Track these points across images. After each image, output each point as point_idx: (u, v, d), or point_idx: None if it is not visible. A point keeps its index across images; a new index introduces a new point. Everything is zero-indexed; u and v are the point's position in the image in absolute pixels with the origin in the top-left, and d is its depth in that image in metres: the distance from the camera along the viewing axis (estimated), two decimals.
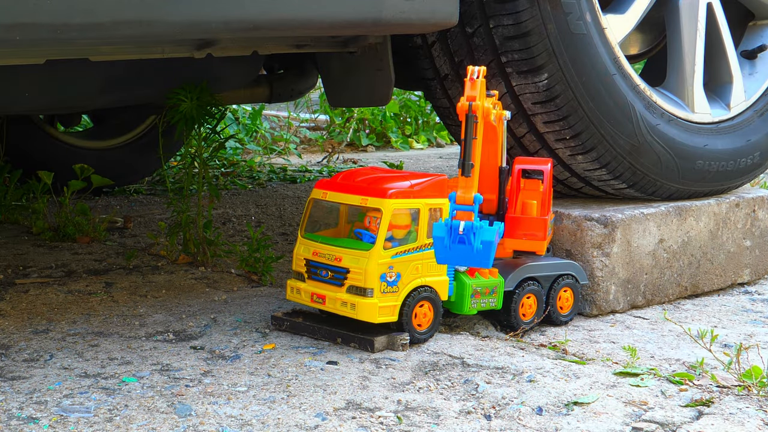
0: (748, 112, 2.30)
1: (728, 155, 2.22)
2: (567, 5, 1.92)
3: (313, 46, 1.97)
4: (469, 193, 1.59)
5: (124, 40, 1.59)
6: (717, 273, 2.19)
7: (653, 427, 1.41)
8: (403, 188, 1.71)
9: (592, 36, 1.96)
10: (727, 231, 2.19)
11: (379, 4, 1.64)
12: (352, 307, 1.70)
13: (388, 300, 1.69)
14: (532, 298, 1.85)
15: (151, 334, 1.80)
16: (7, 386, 1.51)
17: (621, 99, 2.01)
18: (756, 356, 1.70)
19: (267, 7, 1.54)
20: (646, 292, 2.05)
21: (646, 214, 2.03)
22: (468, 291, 1.76)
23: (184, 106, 2.14)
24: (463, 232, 1.57)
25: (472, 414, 1.44)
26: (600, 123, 1.99)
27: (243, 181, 3.70)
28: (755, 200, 2.25)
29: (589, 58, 1.96)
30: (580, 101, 1.96)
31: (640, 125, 2.04)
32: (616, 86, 2.00)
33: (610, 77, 1.99)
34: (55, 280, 2.17)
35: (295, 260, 1.81)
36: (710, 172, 2.18)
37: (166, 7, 1.46)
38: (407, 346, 1.72)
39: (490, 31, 1.93)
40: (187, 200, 2.31)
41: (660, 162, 2.08)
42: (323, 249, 1.75)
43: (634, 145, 2.04)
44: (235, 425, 1.38)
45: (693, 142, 2.14)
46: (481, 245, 1.57)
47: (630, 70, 2.06)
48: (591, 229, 1.97)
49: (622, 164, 2.04)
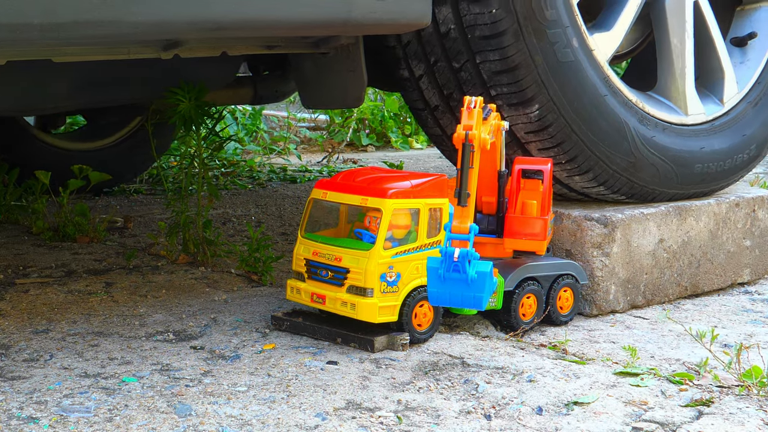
0: (742, 104, 2.28)
1: (725, 154, 2.21)
2: (553, 35, 1.90)
3: (284, 47, 1.95)
4: (465, 222, 1.58)
5: (87, 40, 1.56)
6: (717, 273, 2.19)
7: (653, 427, 1.41)
8: (403, 188, 1.71)
9: (580, 61, 1.94)
10: (727, 231, 2.19)
11: (348, 4, 1.62)
12: (352, 307, 1.70)
13: (388, 300, 1.69)
14: (532, 298, 1.85)
15: (151, 334, 1.80)
16: (7, 386, 1.51)
17: (614, 119, 2.00)
18: (756, 356, 1.70)
19: (232, 7, 1.52)
20: (646, 292, 2.05)
21: (646, 214, 2.03)
22: None
23: (182, 106, 2.14)
24: (458, 260, 1.57)
25: (472, 414, 1.44)
26: (595, 145, 1.98)
27: (243, 181, 3.70)
28: (755, 200, 2.25)
29: (580, 84, 1.94)
30: (573, 127, 1.95)
31: (636, 141, 2.03)
32: (608, 107, 1.99)
33: (601, 99, 1.97)
34: (55, 280, 2.17)
35: (295, 260, 1.81)
36: (709, 174, 2.17)
37: (128, 7, 1.43)
38: (407, 346, 1.72)
39: (477, 67, 1.92)
40: (186, 200, 2.31)
41: (658, 173, 2.08)
42: (323, 249, 1.75)
43: (631, 161, 2.03)
44: (235, 425, 1.38)
45: (690, 147, 2.14)
46: (476, 275, 1.57)
47: (621, 86, 2.04)
48: (591, 229, 1.97)
49: (620, 180, 2.04)
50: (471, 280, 1.57)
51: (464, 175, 1.61)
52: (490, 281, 1.60)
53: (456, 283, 1.59)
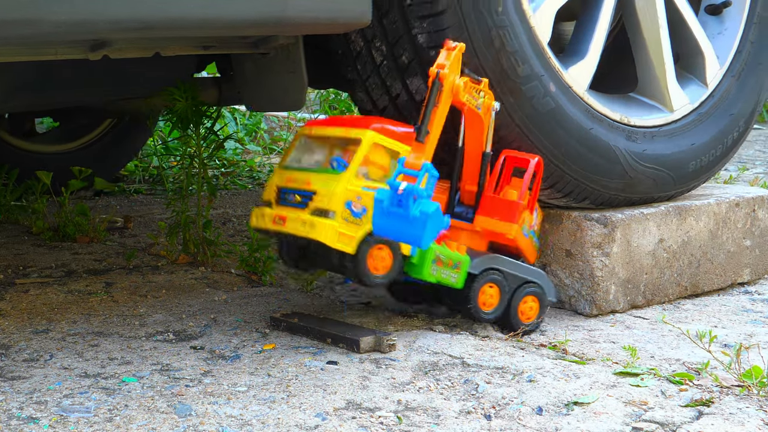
0: (725, 80, 2.23)
1: (716, 140, 2.18)
2: (529, 90, 1.86)
3: (220, 48, 1.89)
4: (420, 158, 1.58)
5: (7, 40, 1.50)
6: (717, 273, 2.19)
7: (653, 427, 1.41)
8: (389, 129, 1.69)
9: (561, 105, 1.91)
10: (727, 231, 2.19)
11: (282, 3, 1.57)
12: (311, 227, 1.64)
13: (348, 229, 1.64)
14: (494, 288, 1.81)
15: (151, 334, 1.80)
16: (7, 386, 1.51)
17: (604, 148, 1.97)
18: (756, 356, 1.70)
19: (159, 6, 1.47)
20: (646, 291, 2.05)
21: (646, 214, 2.03)
22: (430, 255, 1.71)
23: (178, 105, 2.14)
24: (403, 194, 1.54)
25: (472, 414, 1.44)
26: (589, 178, 1.96)
27: (243, 181, 3.70)
28: (755, 200, 2.25)
29: (564, 127, 1.92)
30: (565, 169, 1.93)
31: (629, 161, 2.01)
32: (595, 139, 1.96)
33: (587, 133, 1.95)
34: (55, 280, 2.17)
35: (267, 189, 1.77)
36: (703, 167, 2.16)
37: (50, 6, 1.39)
38: (394, 347, 1.71)
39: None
40: (186, 200, 2.31)
41: (655, 183, 2.07)
42: (296, 175, 1.72)
43: (627, 181, 2.02)
44: (235, 425, 1.38)
45: (681, 148, 2.12)
46: (419, 214, 1.54)
47: (603, 108, 2.00)
48: (591, 229, 1.97)
49: (617, 199, 2.04)
50: (413, 218, 1.55)
51: (428, 110, 1.61)
52: (434, 222, 1.56)
53: (399, 218, 1.56)
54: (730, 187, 2.38)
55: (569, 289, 2.00)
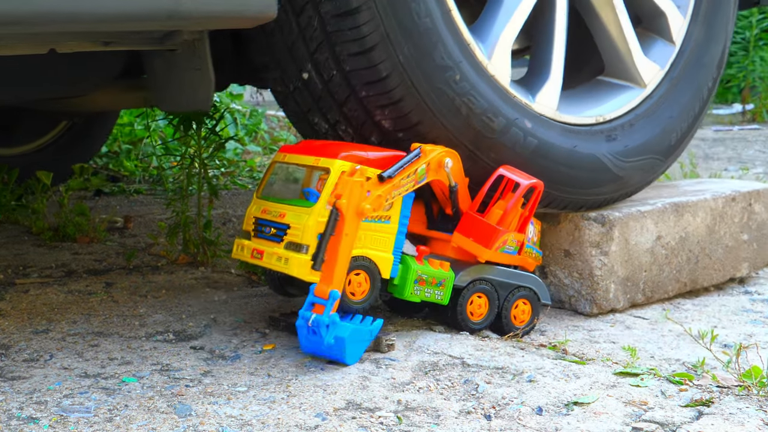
0: (692, 29, 2.14)
1: (691, 99, 2.13)
2: (510, 139, 1.82)
3: (120, 43, 1.78)
4: (325, 287, 1.57)
5: None
6: (716, 268, 2.19)
7: (653, 427, 1.41)
8: (357, 155, 1.68)
9: (542, 138, 1.87)
10: (724, 225, 2.20)
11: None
12: (286, 262, 1.65)
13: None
14: (483, 298, 1.81)
15: (151, 334, 1.80)
16: (7, 386, 1.51)
17: (589, 161, 1.95)
18: (756, 356, 1.70)
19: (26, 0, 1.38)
20: (646, 289, 2.05)
21: (643, 212, 2.03)
22: (412, 276, 1.72)
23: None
24: (312, 326, 1.57)
25: (472, 414, 1.44)
26: (582, 193, 1.96)
27: (243, 181, 3.70)
28: (751, 194, 2.25)
29: (549, 157, 1.89)
30: (557, 193, 1.93)
31: (615, 164, 1.99)
32: (580, 155, 1.94)
33: (571, 153, 1.92)
34: (55, 280, 2.17)
35: (246, 219, 1.77)
36: (684, 131, 2.12)
37: None
38: (394, 347, 1.71)
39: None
40: (186, 200, 2.31)
41: (645, 171, 2.06)
42: (271, 206, 1.72)
43: (619, 183, 2.01)
44: (235, 425, 1.38)
45: (661, 124, 2.07)
46: (333, 341, 1.57)
47: (579, 119, 1.96)
48: (589, 228, 1.97)
49: (612, 198, 2.04)
50: (328, 345, 1.58)
51: (324, 240, 1.58)
52: (354, 340, 1.59)
53: (319, 343, 1.59)
54: (726, 182, 2.38)
55: (569, 289, 2.00)
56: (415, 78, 1.72)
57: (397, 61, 1.71)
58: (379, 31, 1.69)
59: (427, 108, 1.75)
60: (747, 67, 6.70)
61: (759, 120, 6.39)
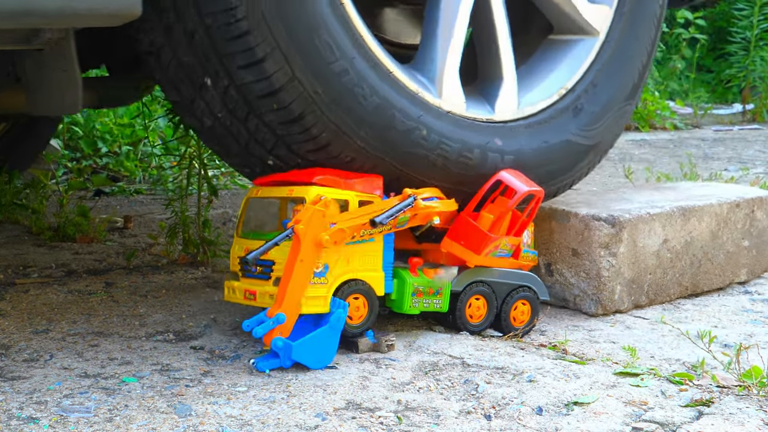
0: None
1: (645, 31, 2.07)
2: (489, 165, 1.82)
3: None
4: (275, 310, 1.57)
5: None
6: (717, 273, 2.19)
7: (653, 427, 1.41)
8: (333, 180, 1.67)
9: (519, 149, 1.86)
10: (727, 231, 2.20)
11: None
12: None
13: (316, 291, 1.62)
14: (481, 300, 1.82)
15: (151, 334, 1.80)
16: (7, 386, 1.51)
17: (567, 148, 1.94)
18: (756, 356, 1.70)
19: None
20: (650, 291, 2.05)
21: (652, 215, 2.03)
22: (408, 289, 1.72)
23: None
24: (272, 349, 1.58)
25: (472, 414, 1.44)
26: (572, 174, 1.98)
27: (243, 181, 3.70)
28: (754, 201, 2.26)
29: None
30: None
31: (587, 136, 1.98)
32: (558, 148, 1.93)
33: (542, 151, 1.90)
34: (55, 280, 2.17)
35: (231, 261, 1.75)
36: (641, 71, 2.06)
37: None
38: (393, 347, 1.71)
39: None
40: (186, 200, 2.31)
41: (616, 122, 2.02)
42: (253, 245, 1.68)
43: (596, 150, 2.01)
44: (235, 425, 1.38)
45: (621, 67, 2.01)
46: (290, 362, 1.59)
47: (543, 102, 1.92)
48: (599, 229, 1.97)
49: (594, 161, 2.03)
50: (293, 360, 1.59)
51: (269, 244, 1.59)
52: (315, 348, 1.59)
53: (285, 361, 1.59)
54: (730, 187, 2.38)
55: (574, 289, 2.00)
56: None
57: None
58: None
59: (401, 175, 1.74)
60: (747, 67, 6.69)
61: (759, 120, 6.39)
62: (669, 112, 5.93)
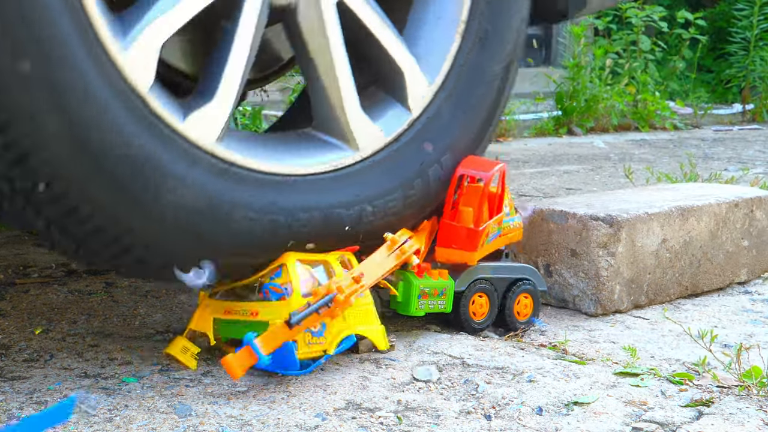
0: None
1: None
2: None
3: None
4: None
5: None
6: (716, 273, 2.19)
7: (653, 427, 1.41)
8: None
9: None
10: (726, 231, 2.20)
11: None
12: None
13: (314, 351, 1.56)
14: (484, 297, 1.82)
15: (151, 334, 1.80)
16: (7, 386, 1.51)
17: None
18: (756, 356, 1.70)
19: None
20: (649, 291, 2.05)
21: (650, 214, 2.04)
22: (415, 291, 1.71)
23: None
24: (272, 363, 1.52)
25: (472, 414, 1.44)
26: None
27: None
28: (753, 200, 2.26)
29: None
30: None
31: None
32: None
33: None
34: (56, 280, 2.17)
35: (197, 322, 1.65)
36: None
37: None
38: (393, 347, 1.71)
39: None
40: None
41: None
42: (236, 306, 1.61)
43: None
44: (235, 425, 1.38)
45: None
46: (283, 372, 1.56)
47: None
48: (597, 229, 1.97)
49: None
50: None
51: (312, 308, 1.52)
52: (289, 362, 1.54)
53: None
54: (729, 187, 2.38)
55: (574, 289, 2.00)
56: None
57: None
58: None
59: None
60: (747, 67, 6.69)
61: (759, 120, 6.39)
62: (669, 112, 5.93)
